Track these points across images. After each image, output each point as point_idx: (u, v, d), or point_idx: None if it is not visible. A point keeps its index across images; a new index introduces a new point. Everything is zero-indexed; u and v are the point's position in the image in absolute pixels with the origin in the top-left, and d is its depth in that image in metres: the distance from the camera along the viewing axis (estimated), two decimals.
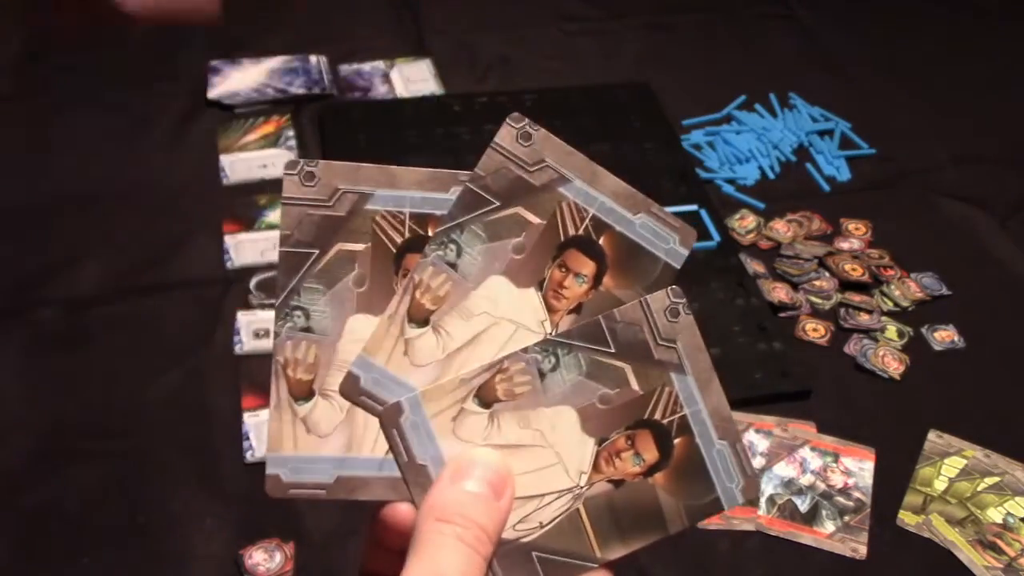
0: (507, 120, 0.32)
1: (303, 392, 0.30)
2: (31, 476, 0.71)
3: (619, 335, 0.30)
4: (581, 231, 0.31)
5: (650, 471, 0.30)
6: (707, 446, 0.30)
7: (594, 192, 0.31)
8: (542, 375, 0.30)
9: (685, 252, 0.31)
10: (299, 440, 0.30)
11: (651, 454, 0.30)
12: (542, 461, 0.30)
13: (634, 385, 0.30)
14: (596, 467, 0.30)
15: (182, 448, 0.73)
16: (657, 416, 0.30)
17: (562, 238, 0.31)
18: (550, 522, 0.29)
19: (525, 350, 0.30)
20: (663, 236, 0.31)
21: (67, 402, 0.76)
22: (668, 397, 0.30)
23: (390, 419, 0.30)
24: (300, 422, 0.30)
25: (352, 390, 0.30)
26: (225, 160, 0.99)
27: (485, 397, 0.30)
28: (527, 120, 0.32)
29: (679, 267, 0.31)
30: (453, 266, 0.31)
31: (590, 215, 0.31)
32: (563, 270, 0.31)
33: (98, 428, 0.75)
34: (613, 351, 0.30)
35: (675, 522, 0.30)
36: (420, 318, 0.31)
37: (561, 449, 0.30)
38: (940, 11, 1.29)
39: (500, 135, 0.32)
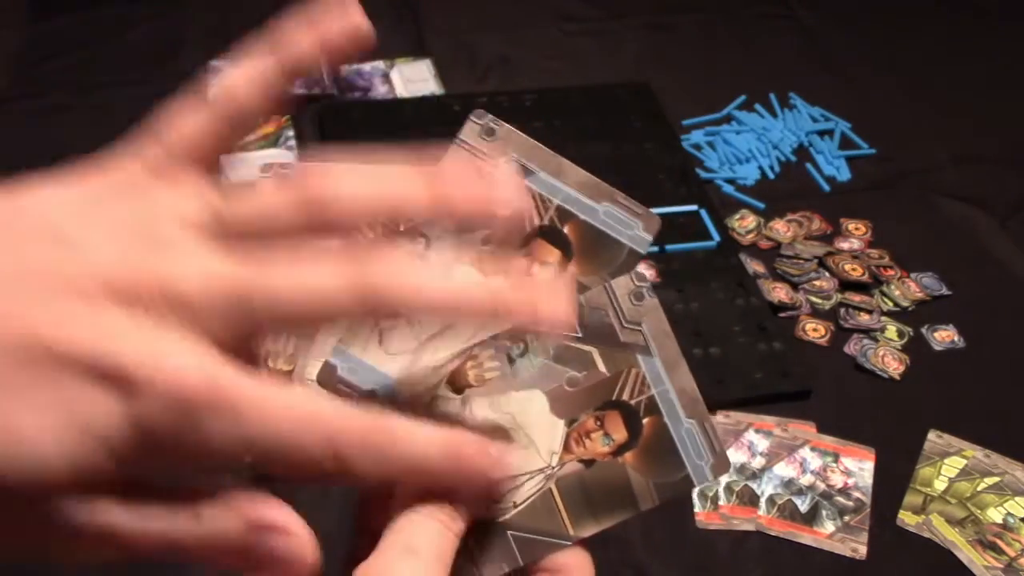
0: (470, 116, 0.33)
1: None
2: None
3: (585, 319, 0.31)
4: (546, 221, 0.31)
5: (620, 450, 0.30)
6: (675, 425, 0.30)
7: (558, 183, 0.32)
8: (511, 360, 0.31)
9: (649, 238, 0.32)
10: None
11: (620, 434, 0.30)
12: (514, 443, 0.30)
13: (601, 367, 0.31)
14: (567, 448, 0.30)
15: None
16: (625, 397, 0.30)
17: (528, 228, 0.31)
18: (523, 502, 0.30)
19: (494, 337, 0.31)
20: (627, 223, 0.32)
21: None
22: (635, 378, 0.31)
23: None
24: None
25: (329, 379, 0.31)
26: (225, 160, 0.99)
27: (457, 383, 0.31)
28: (490, 116, 0.32)
29: (644, 252, 0.32)
30: (422, 257, 0.31)
31: (554, 205, 0.32)
32: (529, 259, 0.32)
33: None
34: (580, 335, 0.31)
35: (646, 500, 0.30)
36: None
37: (532, 431, 0.30)
38: (940, 11, 1.29)
39: (464, 131, 0.32)
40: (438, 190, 0.27)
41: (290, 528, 0.26)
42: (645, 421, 0.30)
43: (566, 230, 0.32)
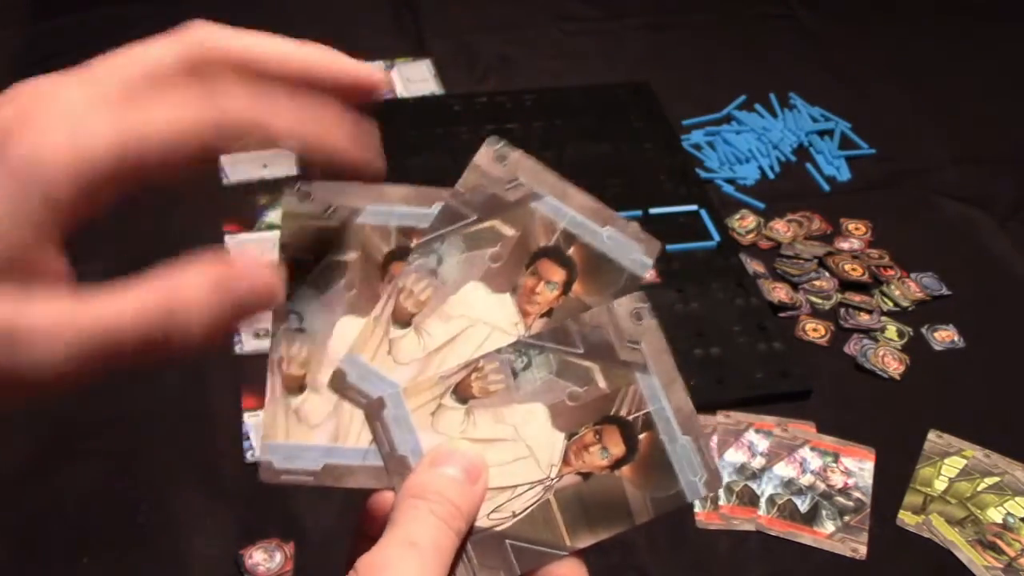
0: (485, 142, 0.35)
1: (296, 386, 0.33)
2: (31, 476, 0.71)
3: (587, 337, 0.33)
4: (552, 242, 0.33)
5: (617, 464, 0.32)
6: (671, 441, 0.32)
7: (564, 207, 0.34)
8: (515, 374, 0.32)
9: (650, 262, 0.33)
10: (291, 430, 0.32)
11: (618, 448, 0.32)
12: (515, 454, 0.32)
13: (601, 384, 0.32)
14: (566, 460, 0.32)
15: (182, 448, 0.73)
16: (623, 413, 0.32)
17: (535, 248, 0.33)
18: (522, 512, 0.31)
19: (499, 351, 0.33)
20: (628, 247, 0.33)
21: (67, 402, 0.76)
22: (633, 395, 0.32)
23: (374, 412, 0.32)
24: (292, 413, 0.32)
25: (340, 384, 0.33)
26: (225, 160, 0.99)
27: (462, 394, 0.32)
28: (504, 141, 0.34)
29: (645, 276, 0.33)
30: (434, 273, 0.33)
31: (560, 228, 0.34)
32: (536, 277, 0.33)
33: (98, 428, 0.75)
34: (581, 351, 0.32)
35: (641, 513, 0.31)
36: (403, 320, 0.33)
37: (532, 443, 0.32)
38: (940, 11, 1.29)
39: (479, 155, 0.34)
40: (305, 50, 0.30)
41: (247, 270, 0.27)
42: (642, 437, 0.32)
43: (571, 252, 0.33)
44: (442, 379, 0.32)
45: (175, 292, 0.26)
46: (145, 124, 0.27)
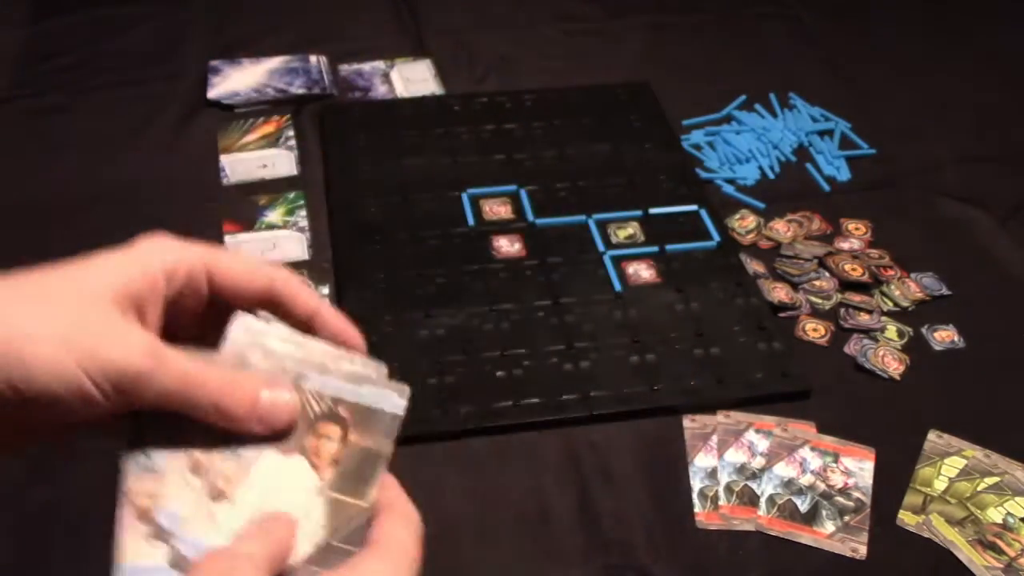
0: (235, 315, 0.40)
1: (143, 515, 0.37)
2: (31, 476, 0.71)
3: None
4: (321, 409, 0.40)
5: (344, 439, 0.39)
6: (361, 396, 0.40)
7: (326, 378, 0.40)
8: (240, 452, 0.39)
9: (404, 403, 0.40)
10: (141, 552, 0.37)
11: (335, 431, 0.39)
12: (284, 495, 0.38)
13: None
14: (316, 468, 0.39)
15: None
16: (317, 410, 0.39)
17: (311, 416, 0.40)
18: (324, 521, 0.38)
19: (214, 448, 0.38)
20: (385, 395, 0.40)
21: None
22: (316, 393, 0.40)
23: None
24: (142, 538, 0.37)
25: (176, 562, 0.37)
26: (225, 160, 0.99)
27: (215, 490, 0.38)
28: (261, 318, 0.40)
29: (402, 415, 0.40)
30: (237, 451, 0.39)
31: (327, 396, 0.40)
32: (317, 438, 0.39)
33: (98, 428, 0.74)
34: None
35: (388, 449, 0.39)
36: (217, 494, 0.38)
37: (286, 478, 0.39)
38: (940, 11, 1.30)
39: (231, 336, 0.40)
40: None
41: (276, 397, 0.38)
42: (341, 410, 0.40)
43: (340, 411, 0.40)
44: (198, 489, 0.38)
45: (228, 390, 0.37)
46: (222, 258, 0.41)
